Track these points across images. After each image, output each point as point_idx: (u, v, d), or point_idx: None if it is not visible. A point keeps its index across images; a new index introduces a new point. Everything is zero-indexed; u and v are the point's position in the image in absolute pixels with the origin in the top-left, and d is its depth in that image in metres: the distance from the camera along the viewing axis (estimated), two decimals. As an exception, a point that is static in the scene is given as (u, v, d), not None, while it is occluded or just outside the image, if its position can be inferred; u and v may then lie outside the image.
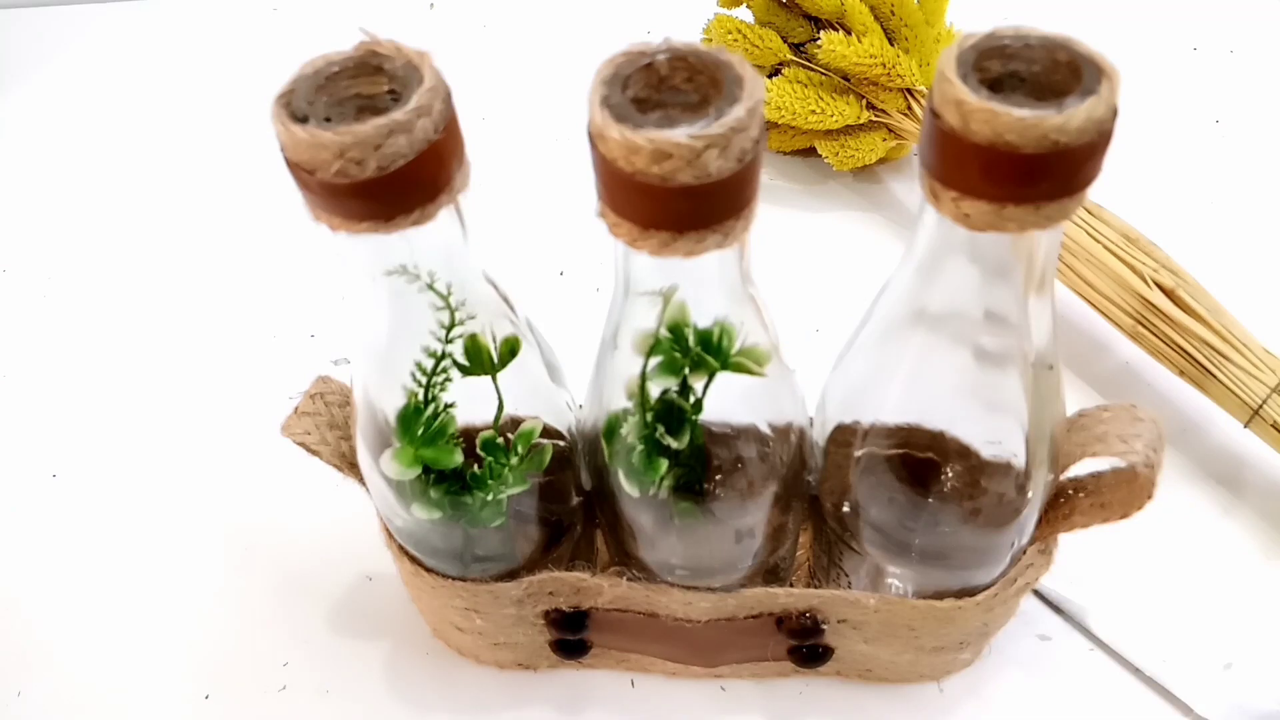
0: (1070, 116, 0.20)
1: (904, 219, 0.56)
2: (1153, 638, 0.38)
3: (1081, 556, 0.37)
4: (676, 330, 0.25)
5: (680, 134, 0.19)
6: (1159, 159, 0.57)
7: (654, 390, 0.26)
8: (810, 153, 0.58)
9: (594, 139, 0.21)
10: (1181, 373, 0.43)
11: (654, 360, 0.26)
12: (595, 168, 0.21)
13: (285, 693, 0.39)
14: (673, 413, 0.27)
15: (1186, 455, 0.44)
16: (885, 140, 0.54)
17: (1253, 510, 0.42)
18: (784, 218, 0.56)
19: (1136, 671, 0.38)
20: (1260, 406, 0.41)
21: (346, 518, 0.40)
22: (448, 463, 0.28)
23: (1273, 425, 0.40)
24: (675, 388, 0.26)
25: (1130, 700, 0.37)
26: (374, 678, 0.39)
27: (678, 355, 0.25)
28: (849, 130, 0.55)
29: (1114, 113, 0.20)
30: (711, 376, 0.26)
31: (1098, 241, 0.45)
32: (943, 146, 0.21)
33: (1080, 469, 0.29)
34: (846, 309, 0.51)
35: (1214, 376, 0.42)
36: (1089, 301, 0.46)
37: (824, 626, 0.33)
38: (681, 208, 0.20)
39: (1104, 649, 0.39)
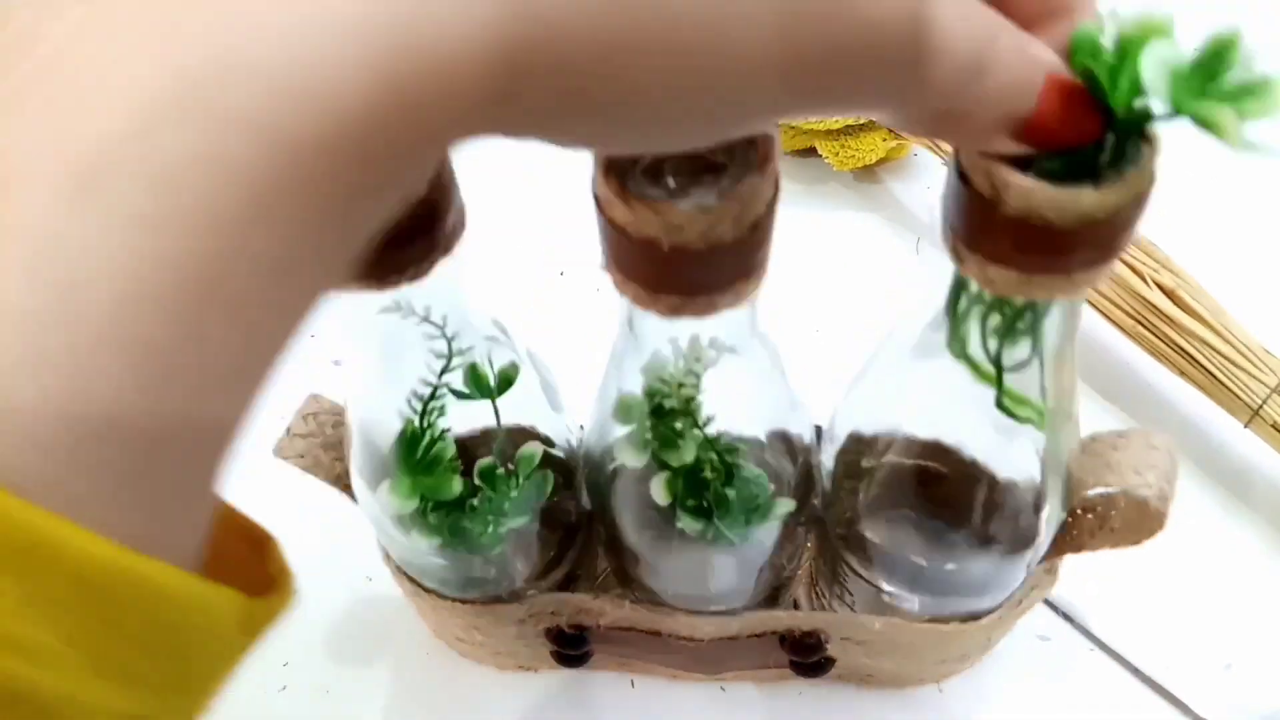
0: (1108, 193, 0.18)
1: (904, 219, 0.56)
2: (1153, 638, 0.38)
3: (1082, 557, 0.37)
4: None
5: (691, 204, 0.18)
6: (1159, 159, 0.57)
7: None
8: (810, 153, 0.58)
9: (601, 205, 0.20)
10: (1181, 373, 0.43)
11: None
12: (600, 230, 0.20)
13: (285, 693, 0.39)
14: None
15: (1186, 455, 0.44)
16: (885, 140, 0.54)
17: (1253, 510, 0.42)
18: (784, 218, 0.56)
19: (1136, 672, 0.38)
20: (1260, 406, 0.41)
21: (346, 517, 0.40)
22: (446, 492, 0.28)
23: (1273, 425, 0.40)
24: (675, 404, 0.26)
25: (1130, 700, 0.37)
26: (374, 677, 0.39)
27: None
28: (849, 130, 0.54)
29: (1153, 181, 0.19)
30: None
31: (1098, 241, 0.45)
32: (970, 212, 0.19)
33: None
34: (846, 309, 0.51)
35: (1214, 376, 0.42)
36: (1089, 301, 0.45)
37: (826, 644, 0.33)
38: (692, 273, 0.19)
39: (1104, 649, 0.39)
